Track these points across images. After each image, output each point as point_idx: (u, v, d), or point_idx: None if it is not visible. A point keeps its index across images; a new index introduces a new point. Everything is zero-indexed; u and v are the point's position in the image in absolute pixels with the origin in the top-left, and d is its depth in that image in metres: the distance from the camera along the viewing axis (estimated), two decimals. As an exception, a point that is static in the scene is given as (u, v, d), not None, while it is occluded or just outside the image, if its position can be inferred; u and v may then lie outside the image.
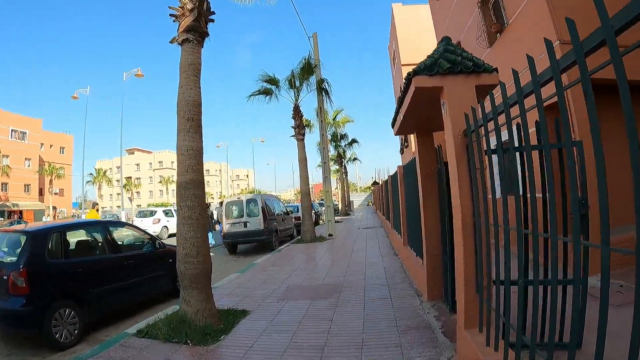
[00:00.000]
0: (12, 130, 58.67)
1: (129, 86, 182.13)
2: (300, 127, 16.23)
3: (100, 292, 6.50)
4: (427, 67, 3.77)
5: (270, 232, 15.01)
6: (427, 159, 5.80)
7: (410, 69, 4.28)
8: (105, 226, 7.45)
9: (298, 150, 16.27)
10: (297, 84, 16.59)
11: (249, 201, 15.32)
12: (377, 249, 12.01)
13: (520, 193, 3.17)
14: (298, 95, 16.70)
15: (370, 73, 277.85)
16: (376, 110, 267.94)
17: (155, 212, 27.21)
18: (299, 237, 16.66)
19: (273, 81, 16.60)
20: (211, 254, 15.63)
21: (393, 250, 11.38)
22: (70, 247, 6.64)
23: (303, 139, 16.33)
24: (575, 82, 1.90)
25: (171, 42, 6.43)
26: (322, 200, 36.02)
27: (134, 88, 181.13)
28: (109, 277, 6.78)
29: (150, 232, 10.40)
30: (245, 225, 14.99)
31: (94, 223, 8.06)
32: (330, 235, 16.74)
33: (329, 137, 34.25)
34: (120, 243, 7.88)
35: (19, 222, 46.49)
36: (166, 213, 26.44)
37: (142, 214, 27.34)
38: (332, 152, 38.85)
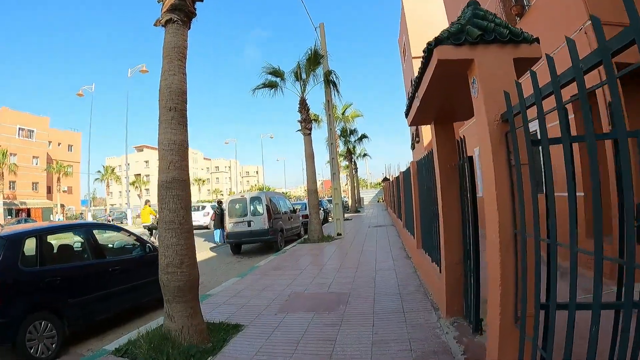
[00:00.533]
0: (19, 129, 59.14)
1: (134, 82, 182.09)
2: (306, 121, 15.45)
3: (82, 302, 5.88)
4: (453, 35, 2.97)
5: (276, 231, 14.28)
6: (447, 153, 5.00)
7: (420, 62, 3.53)
8: (89, 229, 6.78)
9: (305, 145, 15.50)
10: (304, 76, 15.81)
11: (253, 199, 14.60)
12: (388, 250, 11.22)
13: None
14: (304, 88, 15.93)
15: (380, 67, 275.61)
16: (386, 106, 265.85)
17: (205, 206, 28.19)
18: (306, 236, 15.91)
19: (278, 73, 15.84)
20: (214, 253, 15.22)
21: (405, 252, 10.58)
22: (48, 253, 6.03)
23: (310, 134, 15.55)
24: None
25: (155, 24, 5.68)
26: (332, 197, 35.42)
27: (141, 84, 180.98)
28: (91, 285, 6.16)
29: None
30: (249, 225, 14.28)
31: (75, 226, 7.40)
32: (338, 234, 15.98)
33: (338, 132, 33.48)
34: (106, 247, 7.24)
35: (26, 221, 46.62)
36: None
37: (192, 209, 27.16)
38: (341, 147, 38.04)
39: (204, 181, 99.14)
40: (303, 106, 15.54)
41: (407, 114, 5.49)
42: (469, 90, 3.24)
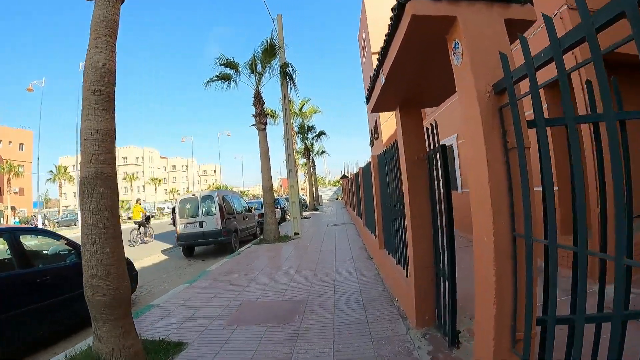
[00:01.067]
0: None
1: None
2: (261, 116, 14.67)
3: (2, 320, 4.97)
4: (430, -14, 2.36)
5: (230, 232, 13.46)
6: (414, 143, 4.42)
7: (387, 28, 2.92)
8: (13, 234, 5.81)
9: (259, 141, 14.71)
10: (259, 68, 15.04)
11: (204, 198, 13.70)
12: (348, 250, 10.65)
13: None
14: (260, 81, 15.16)
15: (338, 64, 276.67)
16: (345, 103, 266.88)
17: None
18: (262, 236, 15.13)
19: (232, 65, 15.00)
20: (165, 257, 14.23)
21: (366, 252, 10.03)
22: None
23: (265, 129, 14.77)
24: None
25: (85, -4, 4.86)
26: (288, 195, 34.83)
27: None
28: (14, 299, 5.25)
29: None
30: (201, 225, 13.40)
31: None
32: (296, 234, 15.30)
33: (296, 129, 32.82)
34: (35, 255, 6.34)
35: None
36: None
37: None
38: (298, 145, 37.38)
39: (160, 180, 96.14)
40: (258, 100, 14.76)
41: (368, 99, 4.90)
42: (445, 63, 2.65)
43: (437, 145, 3.76)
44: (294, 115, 27.67)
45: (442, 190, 3.72)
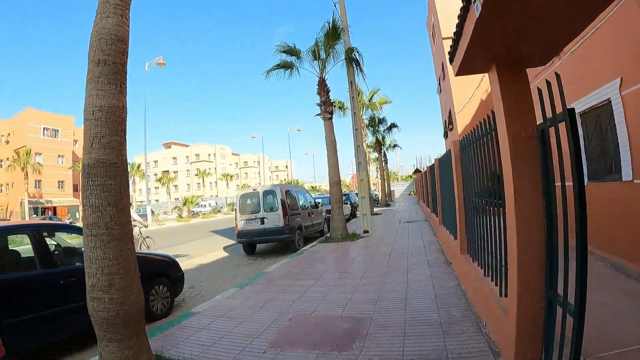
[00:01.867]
0: (44, 129, 60.77)
1: (155, 77, 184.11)
2: (326, 104, 13.61)
3: (21, 323, 4.49)
4: None
5: (292, 229, 12.56)
6: (520, 113, 3.10)
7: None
8: (37, 230, 5.21)
9: (325, 131, 13.66)
10: (322, 54, 14.02)
11: (266, 193, 12.90)
12: (423, 253, 9.30)
13: None
14: (324, 68, 14.11)
15: (408, 56, 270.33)
16: (416, 95, 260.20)
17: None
18: (329, 234, 14.11)
19: (293, 52, 14.10)
20: (225, 254, 13.62)
21: (444, 256, 8.64)
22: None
23: (331, 118, 13.69)
24: None
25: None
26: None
27: (163, 79, 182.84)
28: (36, 301, 4.78)
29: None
30: (262, 222, 12.61)
31: (17, 228, 5.83)
32: (365, 231, 14.11)
33: (366, 121, 31.48)
34: (59, 254, 5.74)
35: (50, 219, 46.75)
36: None
37: None
38: (369, 138, 36.00)
39: (231, 176, 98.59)
40: (322, 87, 13.72)
41: (452, 58, 3.61)
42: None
43: (562, 109, 2.43)
44: (363, 106, 26.28)
45: (574, 181, 2.38)
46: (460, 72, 3.57)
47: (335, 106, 25.13)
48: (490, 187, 4.16)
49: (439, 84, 32.12)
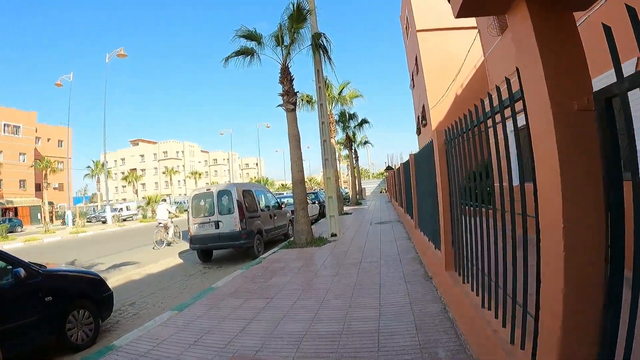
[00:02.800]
0: (4, 125, 57.66)
1: (120, 70, 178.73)
2: (289, 94, 12.23)
3: None
4: None
5: (251, 234, 11.17)
6: (569, 74, 1.84)
7: (427, 35, 0.42)
8: None
9: (288, 123, 12.29)
10: (287, 40, 12.63)
11: (221, 194, 11.47)
12: (398, 263, 8.06)
13: None
14: (287, 55, 12.72)
15: (376, 51, 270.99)
16: (388, 90, 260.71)
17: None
18: (293, 238, 12.74)
19: (254, 37, 12.68)
20: (180, 261, 12.10)
21: (422, 266, 7.39)
22: None
23: (294, 109, 12.32)
24: None
25: None
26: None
27: (135, 75, 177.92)
28: None
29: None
30: (216, 226, 11.20)
31: None
32: (333, 235, 12.84)
33: (336, 117, 30.24)
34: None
35: (10, 221, 43.89)
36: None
37: None
38: (340, 135, 34.79)
39: (200, 174, 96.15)
40: (285, 75, 12.35)
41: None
42: None
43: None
44: (333, 100, 24.88)
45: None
46: (463, 12, 2.27)
47: (302, 99, 23.94)
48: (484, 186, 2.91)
49: (412, 78, 31.16)
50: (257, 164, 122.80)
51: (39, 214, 55.93)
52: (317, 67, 13.22)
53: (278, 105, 12.21)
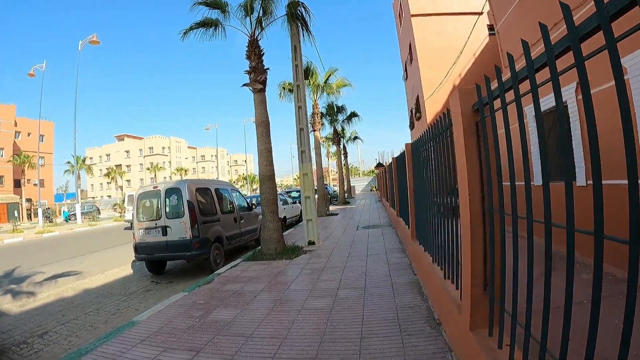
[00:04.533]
0: None
1: (109, 65, 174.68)
2: (257, 71, 9.96)
3: None
4: None
5: (205, 243, 8.96)
6: None
7: (422, 20, 0.20)
8: None
9: (255, 107, 9.98)
10: (257, 7, 10.42)
11: (169, 192, 9.23)
12: (389, 290, 5.88)
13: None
14: (257, 26, 10.50)
15: (370, 39, 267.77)
16: (378, 84, 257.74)
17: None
18: (260, 247, 10.48)
19: (217, 4, 10.43)
20: (130, 271, 9.05)
21: (424, 300, 5.20)
22: None
23: (263, 90, 10.02)
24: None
25: None
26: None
27: (123, 70, 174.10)
28: None
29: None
30: (164, 232, 8.98)
31: None
32: (311, 243, 10.64)
33: (323, 110, 28.03)
34: None
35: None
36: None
37: None
38: (327, 130, 32.54)
39: (186, 170, 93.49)
40: (253, 49, 10.08)
41: None
42: None
43: None
44: (318, 88, 22.32)
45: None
46: None
47: (284, 88, 21.63)
48: None
49: (405, 69, 29.00)
50: (245, 161, 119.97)
51: (15, 212, 53.19)
52: (294, 42, 11.02)
53: (244, 85, 9.95)
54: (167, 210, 9.04)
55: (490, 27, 21.58)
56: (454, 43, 20.78)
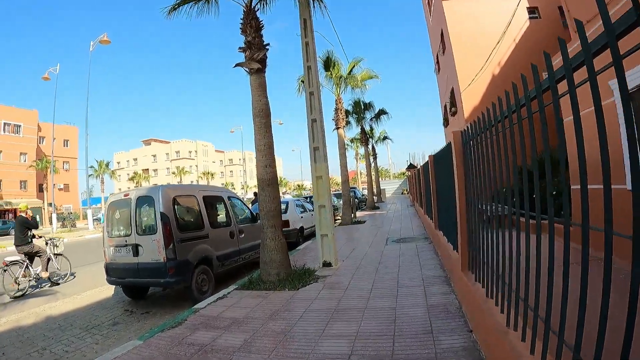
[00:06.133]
0: (4, 124, 55.61)
1: (139, 70, 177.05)
2: (253, 47, 7.77)
3: None
4: None
5: (184, 266, 6.93)
6: None
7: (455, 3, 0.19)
8: None
9: (252, 92, 7.79)
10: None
11: (141, 201, 7.24)
12: (430, 346, 3.71)
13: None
14: (257, -7, 8.44)
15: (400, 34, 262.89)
16: (407, 85, 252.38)
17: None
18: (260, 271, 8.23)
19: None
20: (109, 294, 7.66)
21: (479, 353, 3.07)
22: None
23: (261, 70, 7.84)
24: None
25: None
26: (338, 191, 26.41)
27: (153, 75, 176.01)
28: None
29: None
30: (135, 252, 7.01)
31: None
32: (326, 264, 8.43)
33: (349, 108, 25.80)
34: None
35: (4, 223, 40.72)
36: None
37: None
38: (354, 129, 30.20)
39: (213, 174, 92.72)
40: (249, 20, 7.93)
41: None
42: None
43: None
44: (340, 80, 19.87)
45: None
46: None
47: (302, 81, 19.46)
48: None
49: (437, 61, 26.52)
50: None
51: (37, 216, 53.05)
52: (304, 14, 8.90)
53: (237, 64, 7.87)
54: (138, 223, 7.07)
55: (531, 10, 19.15)
56: (490, 28, 18.37)
